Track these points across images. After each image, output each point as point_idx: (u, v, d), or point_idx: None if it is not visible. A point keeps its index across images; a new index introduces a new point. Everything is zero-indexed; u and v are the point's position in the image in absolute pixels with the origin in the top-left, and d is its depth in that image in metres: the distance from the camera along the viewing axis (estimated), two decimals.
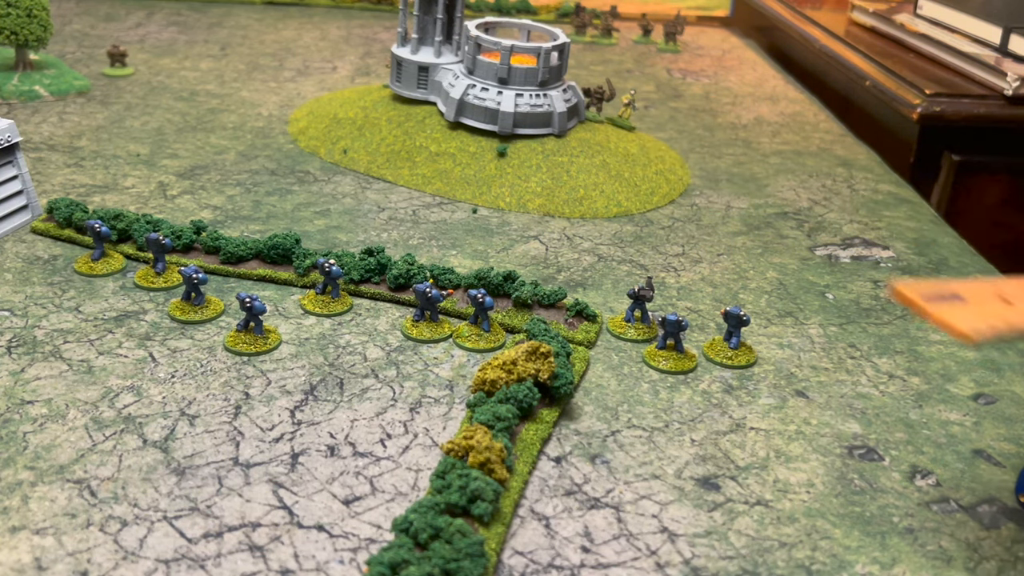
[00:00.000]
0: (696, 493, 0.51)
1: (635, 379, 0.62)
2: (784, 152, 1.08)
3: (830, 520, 0.50)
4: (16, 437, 0.52)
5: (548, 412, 0.56)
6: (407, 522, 0.44)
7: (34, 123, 0.99)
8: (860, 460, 0.55)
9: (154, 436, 0.53)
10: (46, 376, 0.58)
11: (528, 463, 0.52)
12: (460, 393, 0.59)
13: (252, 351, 0.61)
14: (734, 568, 0.47)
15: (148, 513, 0.47)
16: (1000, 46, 1.18)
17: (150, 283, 0.68)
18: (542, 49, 0.89)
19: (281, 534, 0.47)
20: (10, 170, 0.75)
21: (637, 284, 0.71)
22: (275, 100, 1.12)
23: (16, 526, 0.46)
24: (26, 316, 0.64)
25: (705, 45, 1.58)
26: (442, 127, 0.93)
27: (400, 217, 0.83)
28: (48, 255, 0.72)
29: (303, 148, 0.97)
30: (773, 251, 0.82)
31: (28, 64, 1.09)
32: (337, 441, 0.54)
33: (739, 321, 0.63)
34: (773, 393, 0.61)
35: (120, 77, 1.17)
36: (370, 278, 0.69)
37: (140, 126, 1.00)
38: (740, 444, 0.56)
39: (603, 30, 1.54)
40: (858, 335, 0.69)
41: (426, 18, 0.97)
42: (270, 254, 0.71)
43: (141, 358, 0.60)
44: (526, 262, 0.77)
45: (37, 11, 1.03)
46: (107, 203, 0.81)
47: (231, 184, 0.87)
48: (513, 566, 0.46)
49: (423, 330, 0.65)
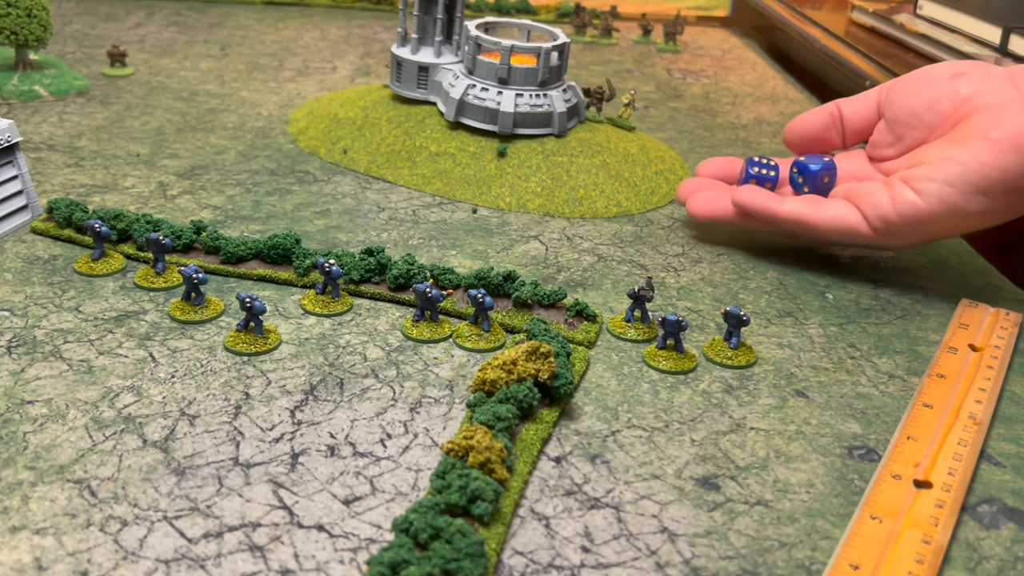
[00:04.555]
0: (696, 493, 0.52)
1: (635, 379, 0.62)
2: (784, 152, 1.08)
3: (830, 520, 0.50)
4: (16, 437, 0.52)
5: (548, 412, 0.56)
6: (407, 522, 0.44)
7: (34, 123, 0.99)
8: (860, 460, 0.55)
9: (154, 436, 0.53)
10: (46, 376, 0.58)
11: (528, 463, 0.52)
12: (460, 393, 0.59)
13: (252, 351, 0.61)
14: (734, 568, 0.47)
15: (148, 513, 0.47)
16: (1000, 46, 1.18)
17: (150, 283, 0.68)
18: (542, 49, 0.89)
19: (281, 534, 0.47)
20: (10, 170, 0.75)
21: (637, 284, 0.71)
22: (275, 100, 1.12)
23: (16, 526, 0.46)
24: (26, 316, 0.64)
25: (705, 45, 1.58)
26: (442, 127, 0.93)
27: (400, 217, 0.83)
28: (48, 255, 0.72)
29: (303, 148, 0.97)
30: (773, 251, 0.82)
31: (28, 64, 1.09)
32: (337, 441, 0.54)
33: (739, 321, 0.63)
34: (773, 393, 0.61)
35: (120, 77, 1.17)
36: (370, 278, 0.69)
37: (140, 126, 1.00)
38: (740, 444, 0.56)
39: (603, 30, 1.54)
40: (858, 335, 0.69)
41: (426, 18, 0.97)
42: (270, 254, 0.71)
43: (141, 358, 0.60)
44: (526, 262, 0.77)
45: (37, 11, 1.03)
46: (107, 203, 0.81)
47: (231, 184, 0.87)
48: (513, 566, 0.46)
49: (423, 330, 0.65)
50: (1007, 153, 0.67)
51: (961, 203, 0.68)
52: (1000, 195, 0.68)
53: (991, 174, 0.67)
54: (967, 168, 0.68)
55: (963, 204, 0.68)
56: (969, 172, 0.68)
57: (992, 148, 0.67)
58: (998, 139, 0.67)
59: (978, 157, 0.67)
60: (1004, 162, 0.67)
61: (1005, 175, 0.67)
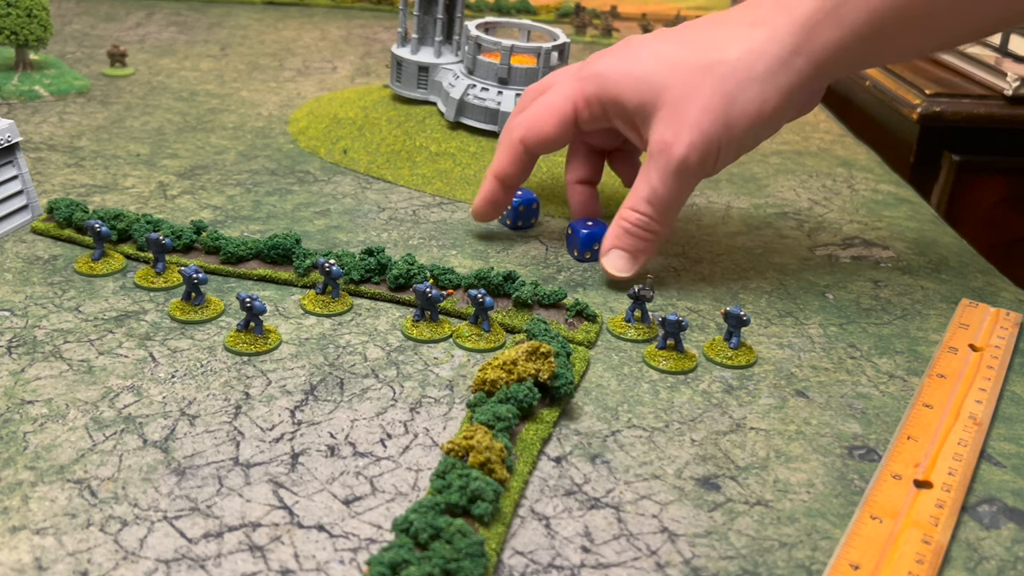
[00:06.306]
0: (696, 493, 0.52)
1: (635, 379, 0.62)
2: (784, 152, 1.08)
3: (830, 520, 0.50)
4: (16, 437, 0.52)
5: (548, 412, 0.56)
6: (407, 522, 0.44)
7: (34, 123, 0.99)
8: (860, 460, 0.55)
9: (154, 436, 0.53)
10: (46, 376, 0.58)
11: (528, 463, 0.52)
12: (460, 393, 0.59)
13: (252, 351, 0.61)
14: (734, 568, 0.47)
15: (148, 513, 0.47)
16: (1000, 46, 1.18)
17: (150, 283, 0.68)
18: (542, 49, 0.89)
19: (281, 534, 0.47)
20: (10, 170, 0.75)
21: (637, 284, 0.71)
22: (275, 100, 1.12)
23: (16, 526, 0.46)
24: (26, 316, 0.64)
25: None
26: (442, 127, 0.93)
27: (400, 217, 0.83)
28: (48, 255, 0.72)
29: (303, 148, 0.97)
30: (773, 251, 0.82)
31: (28, 64, 1.09)
32: (337, 441, 0.54)
33: (739, 321, 0.63)
34: (773, 393, 0.61)
35: (120, 77, 1.17)
36: (370, 278, 0.69)
37: (140, 126, 1.00)
38: (740, 444, 0.56)
39: (603, 30, 1.54)
40: (858, 335, 0.69)
41: (426, 18, 0.97)
42: (270, 254, 0.71)
43: (141, 358, 0.60)
44: (526, 262, 0.77)
45: (37, 11, 1.03)
46: (107, 203, 0.81)
47: (231, 184, 0.87)
48: (513, 566, 0.46)
49: (423, 330, 0.65)
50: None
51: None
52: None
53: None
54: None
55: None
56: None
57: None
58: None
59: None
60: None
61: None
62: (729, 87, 0.66)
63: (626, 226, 0.71)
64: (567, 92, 0.72)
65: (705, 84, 0.67)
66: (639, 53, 0.70)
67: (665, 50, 0.69)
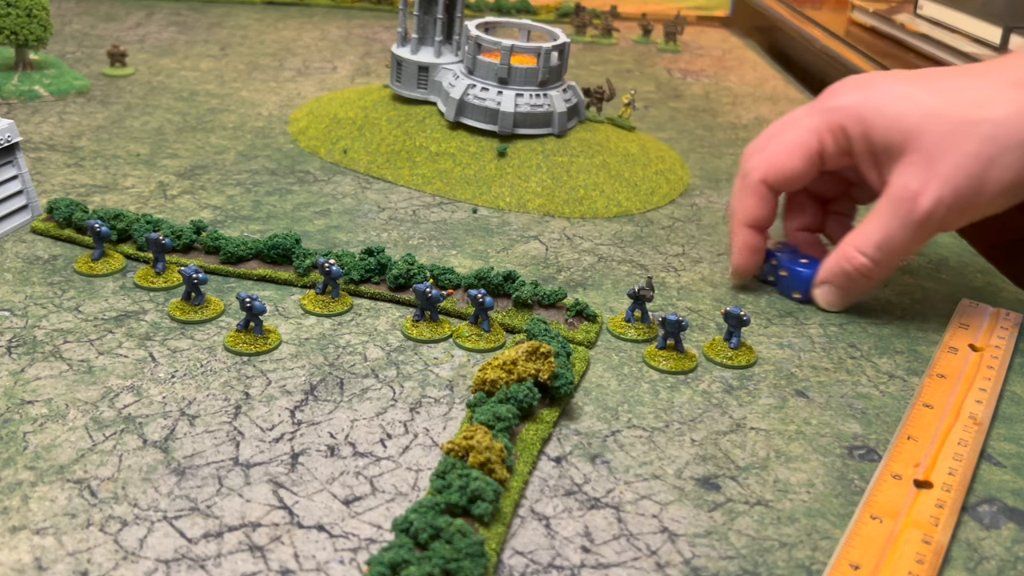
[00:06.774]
0: (696, 493, 0.51)
1: (635, 379, 0.62)
2: None
3: (830, 520, 0.50)
4: (16, 437, 0.52)
5: (548, 412, 0.56)
6: (407, 522, 0.44)
7: (34, 123, 0.99)
8: (860, 460, 0.55)
9: (154, 436, 0.53)
10: (46, 376, 0.58)
11: (528, 463, 0.52)
12: (460, 393, 0.59)
13: (252, 351, 0.61)
14: (734, 568, 0.47)
15: (148, 513, 0.47)
16: (1000, 46, 1.18)
17: (150, 283, 0.68)
18: (542, 49, 0.89)
19: (281, 534, 0.47)
20: (10, 170, 0.75)
21: (637, 284, 0.71)
22: (275, 100, 1.12)
23: (16, 526, 0.46)
24: (26, 316, 0.64)
25: (705, 45, 1.58)
26: (442, 127, 0.93)
27: (400, 217, 0.83)
28: (48, 255, 0.72)
29: (303, 148, 0.97)
30: None
31: (28, 64, 1.09)
32: (337, 441, 0.54)
33: (739, 321, 0.63)
34: (773, 393, 0.61)
35: (120, 77, 1.17)
36: (370, 278, 0.69)
37: (140, 126, 1.00)
38: (740, 444, 0.56)
39: (603, 30, 1.54)
40: (858, 335, 0.69)
41: (426, 18, 0.97)
42: (270, 254, 0.71)
43: (141, 358, 0.60)
44: (526, 262, 0.77)
45: (37, 11, 1.03)
46: (107, 203, 0.81)
47: (231, 184, 0.87)
48: (513, 566, 0.46)
49: (423, 330, 0.65)
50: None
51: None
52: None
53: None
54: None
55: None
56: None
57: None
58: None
59: None
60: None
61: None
62: (990, 148, 0.64)
63: (848, 269, 0.69)
64: (811, 126, 0.71)
65: (965, 141, 0.64)
66: (888, 92, 0.68)
67: (918, 95, 0.67)
